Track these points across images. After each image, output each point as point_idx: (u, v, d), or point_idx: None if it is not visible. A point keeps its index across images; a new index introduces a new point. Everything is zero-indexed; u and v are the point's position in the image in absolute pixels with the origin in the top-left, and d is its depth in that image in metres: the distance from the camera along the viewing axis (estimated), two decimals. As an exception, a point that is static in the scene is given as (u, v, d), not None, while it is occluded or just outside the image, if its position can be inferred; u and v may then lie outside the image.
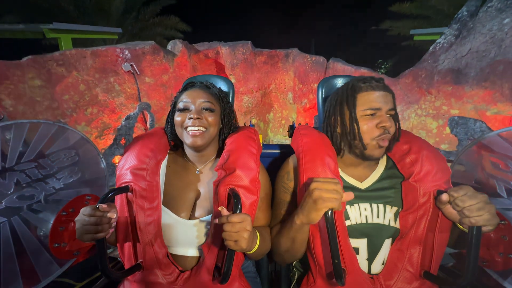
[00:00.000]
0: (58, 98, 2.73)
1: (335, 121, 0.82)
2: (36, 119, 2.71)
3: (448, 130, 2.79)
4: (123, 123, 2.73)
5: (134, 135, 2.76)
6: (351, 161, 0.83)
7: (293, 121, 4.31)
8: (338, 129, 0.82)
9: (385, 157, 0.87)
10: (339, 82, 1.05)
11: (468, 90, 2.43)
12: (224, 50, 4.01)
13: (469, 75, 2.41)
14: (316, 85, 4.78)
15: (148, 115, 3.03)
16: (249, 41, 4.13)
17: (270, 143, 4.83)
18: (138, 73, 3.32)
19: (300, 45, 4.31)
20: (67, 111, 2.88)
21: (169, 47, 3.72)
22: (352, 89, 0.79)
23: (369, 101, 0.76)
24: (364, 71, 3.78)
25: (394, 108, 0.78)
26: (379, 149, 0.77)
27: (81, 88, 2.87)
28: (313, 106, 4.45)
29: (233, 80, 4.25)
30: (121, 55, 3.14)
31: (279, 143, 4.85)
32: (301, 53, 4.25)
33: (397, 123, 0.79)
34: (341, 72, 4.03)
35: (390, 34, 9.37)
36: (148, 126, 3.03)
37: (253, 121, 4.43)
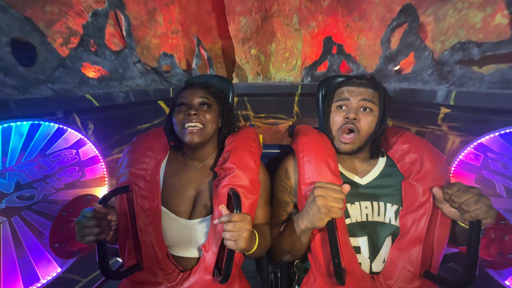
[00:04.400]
0: (2, -16, 2.14)
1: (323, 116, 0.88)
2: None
3: (498, 19, 2.25)
4: (90, 20, 2.21)
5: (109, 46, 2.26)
6: (341, 154, 0.84)
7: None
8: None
9: (384, 155, 0.89)
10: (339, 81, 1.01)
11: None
12: (216, -46, 3.30)
13: None
14: (327, 2, 3.95)
15: (123, 18, 2.49)
16: None
17: (272, 80, 4.30)
18: (109, -30, 2.68)
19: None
20: (19, 4, 2.30)
21: None
22: (335, 86, 0.86)
23: (340, 93, 0.81)
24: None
25: (373, 102, 0.77)
26: (342, 144, 0.80)
27: (34, -22, 2.28)
28: (322, 32, 3.82)
29: (228, -3, 3.58)
30: None
31: (281, 81, 4.34)
32: (309, -40, 3.51)
33: (380, 121, 0.78)
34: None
35: None
36: (125, 33, 2.49)
37: (253, 52, 3.83)
